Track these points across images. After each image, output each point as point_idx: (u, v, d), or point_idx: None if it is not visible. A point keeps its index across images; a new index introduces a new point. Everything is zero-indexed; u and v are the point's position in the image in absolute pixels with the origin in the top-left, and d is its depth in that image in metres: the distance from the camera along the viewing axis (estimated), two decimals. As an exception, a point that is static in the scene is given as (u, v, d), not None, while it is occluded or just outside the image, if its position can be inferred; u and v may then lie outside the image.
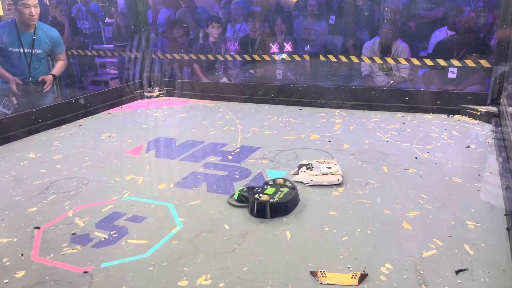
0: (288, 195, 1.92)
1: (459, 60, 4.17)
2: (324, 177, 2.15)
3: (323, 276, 1.46)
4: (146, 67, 4.46)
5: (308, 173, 2.18)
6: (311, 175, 2.16)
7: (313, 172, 2.18)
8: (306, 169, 2.21)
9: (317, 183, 2.15)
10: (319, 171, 2.19)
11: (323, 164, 2.27)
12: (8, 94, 3.85)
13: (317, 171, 2.18)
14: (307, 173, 2.18)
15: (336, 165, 2.27)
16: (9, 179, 2.42)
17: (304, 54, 5.25)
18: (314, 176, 2.16)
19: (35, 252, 1.68)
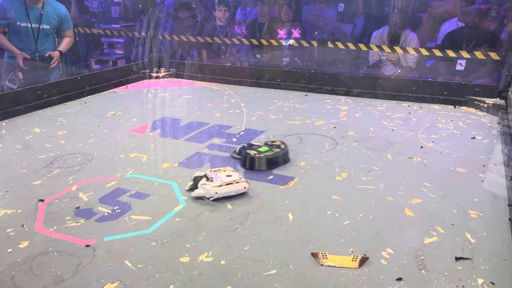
0: (274, 155, 2.19)
1: (468, 52, 4.14)
2: (230, 187, 1.89)
3: (324, 258, 1.47)
4: (153, 48, 4.43)
5: (210, 185, 1.88)
6: (214, 186, 1.87)
7: (216, 183, 1.89)
8: (207, 181, 1.91)
9: (223, 195, 1.88)
10: (221, 181, 1.91)
11: (221, 173, 1.97)
12: (14, 69, 3.86)
13: (219, 182, 1.90)
14: (210, 185, 1.88)
15: (234, 172, 2.01)
16: (14, 152, 2.43)
17: (312, 40, 5.22)
18: (218, 187, 1.87)
19: (39, 223, 1.70)
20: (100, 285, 1.34)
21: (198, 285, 1.35)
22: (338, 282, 1.36)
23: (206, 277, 1.39)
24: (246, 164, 2.21)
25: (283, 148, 2.30)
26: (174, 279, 1.37)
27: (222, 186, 1.89)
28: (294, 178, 2.09)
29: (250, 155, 2.20)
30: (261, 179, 2.08)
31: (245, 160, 2.21)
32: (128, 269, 1.42)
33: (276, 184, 2.04)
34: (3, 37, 3.90)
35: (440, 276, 1.38)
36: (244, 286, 1.35)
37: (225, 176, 1.95)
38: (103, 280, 1.37)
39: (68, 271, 1.41)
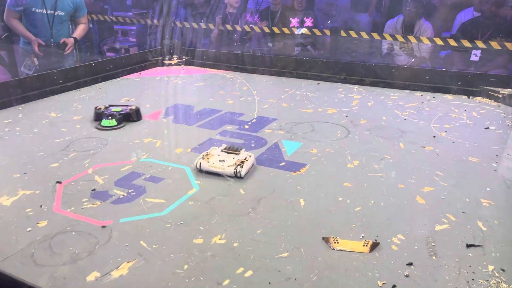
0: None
1: (483, 42, 4.09)
2: (214, 167, 1.97)
3: (336, 243, 1.49)
4: (166, 35, 4.45)
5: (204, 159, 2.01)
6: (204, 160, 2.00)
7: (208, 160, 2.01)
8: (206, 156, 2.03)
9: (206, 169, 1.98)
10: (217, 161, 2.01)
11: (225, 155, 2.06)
12: (30, 55, 3.91)
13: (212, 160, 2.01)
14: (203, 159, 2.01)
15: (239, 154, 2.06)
16: (31, 135, 2.48)
17: (325, 29, 5.19)
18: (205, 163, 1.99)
19: (57, 204, 1.74)
20: (117, 263, 1.38)
21: (211, 266, 1.38)
22: (349, 266, 1.38)
23: (219, 258, 1.42)
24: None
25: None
26: (188, 259, 1.41)
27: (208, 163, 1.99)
28: (306, 165, 2.11)
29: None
30: (273, 165, 2.10)
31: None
32: (143, 249, 1.46)
33: (288, 170, 2.05)
34: (19, 23, 3.95)
35: (451, 263, 1.40)
36: (257, 268, 1.37)
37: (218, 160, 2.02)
38: (119, 259, 1.41)
39: (86, 250, 1.45)
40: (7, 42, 4.63)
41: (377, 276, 1.33)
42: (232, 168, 1.96)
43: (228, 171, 1.96)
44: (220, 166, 1.98)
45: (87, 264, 1.38)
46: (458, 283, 1.30)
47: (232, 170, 1.95)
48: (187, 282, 1.31)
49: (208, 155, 2.05)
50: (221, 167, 1.97)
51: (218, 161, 2.01)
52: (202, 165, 1.99)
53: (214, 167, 1.97)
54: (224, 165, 1.98)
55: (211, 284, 1.30)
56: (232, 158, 2.04)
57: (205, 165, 1.98)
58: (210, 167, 1.98)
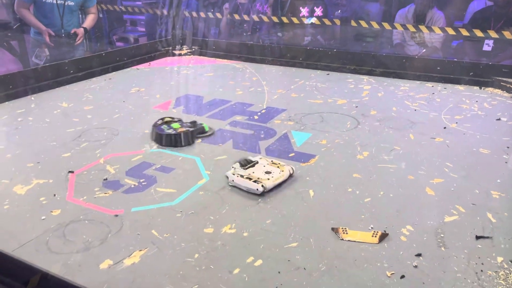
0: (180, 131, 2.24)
1: (496, 31, 4.03)
2: (245, 181, 1.79)
3: (345, 233, 1.50)
4: (175, 25, 4.45)
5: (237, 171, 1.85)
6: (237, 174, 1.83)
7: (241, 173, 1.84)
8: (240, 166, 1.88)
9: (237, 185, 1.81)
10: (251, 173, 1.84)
11: (270, 167, 1.89)
12: (40, 45, 3.93)
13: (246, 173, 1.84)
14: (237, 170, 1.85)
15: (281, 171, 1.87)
16: (43, 125, 2.52)
17: (335, 18, 5.15)
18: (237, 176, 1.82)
19: (70, 193, 1.77)
20: (129, 251, 1.41)
21: (221, 255, 1.40)
22: (357, 256, 1.39)
23: (229, 247, 1.44)
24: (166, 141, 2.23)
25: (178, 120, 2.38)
26: (198, 248, 1.43)
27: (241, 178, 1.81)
28: (315, 156, 2.11)
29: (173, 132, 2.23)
30: (282, 156, 2.10)
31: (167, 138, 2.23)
32: (155, 238, 1.48)
33: (297, 161, 2.06)
34: (29, 13, 3.97)
35: (460, 254, 1.40)
36: (266, 257, 1.39)
37: (263, 172, 1.84)
38: (131, 247, 1.43)
39: (99, 238, 1.48)
40: (18, 32, 4.66)
41: (385, 266, 1.34)
42: (287, 170, 1.86)
43: (287, 174, 1.84)
44: (280, 176, 1.82)
45: (100, 252, 1.41)
46: (467, 274, 1.31)
47: (288, 172, 1.85)
48: (198, 270, 1.33)
49: (253, 177, 1.80)
50: (282, 176, 1.83)
51: (265, 173, 1.84)
52: (268, 185, 1.75)
53: (277, 180, 1.80)
54: (279, 173, 1.84)
55: (222, 273, 1.32)
56: (263, 166, 1.89)
57: (270, 183, 1.77)
58: (275, 182, 1.79)
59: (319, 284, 1.27)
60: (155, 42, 4.32)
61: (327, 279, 1.29)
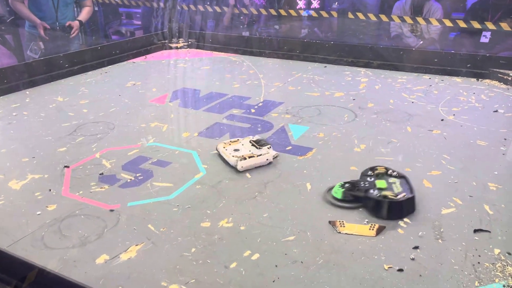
0: (405, 185, 1.61)
1: (493, 23, 4.02)
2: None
3: (342, 226, 1.50)
4: (171, 18, 4.42)
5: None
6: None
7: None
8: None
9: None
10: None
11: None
12: (35, 39, 3.90)
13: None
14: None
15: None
16: (39, 120, 2.50)
17: (332, 11, 5.12)
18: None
19: (66, 188, 1.76)
20: (126, 246, 1.40)
21: (218, 249, 1.40)
22: (355, 249, 1.39)
23: (226, 241, 1.43)
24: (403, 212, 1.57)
25: (396, 175, 1.69)
26: (195, 242, 1.42)
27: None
28: (312, 149, 2.11)
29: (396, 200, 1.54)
30: (279, 149, 2.09)
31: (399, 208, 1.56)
32: (151, 233, 1.48)
33: (295, 154, 2.05)
34: (24, 6, 3.93)
35: (457, 246, 1.40)
36: (263, 251, 1.39)
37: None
38: (128, 242, 1.43)
39: (95, 233, 1.47)
40: (12, 26, 4.62)
41: (383, 259, 1.34)
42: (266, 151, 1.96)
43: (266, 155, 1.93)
44: (257, 152, 1.94)
45: (96, 247, 1.40)
46: (464, 267, 1.31)
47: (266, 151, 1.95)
48: (195, 265, 1.32)
49: (236, 155, 1.91)
50: (261, 153, 1.94)
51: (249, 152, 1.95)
52: (243, 165, 1.86)
53: (254, 156, 1.91)
54: (258, 152, 1.95)
55: (219, 267, 1.31)
56: (244, 145, 2.02)
57: (247, 163, 1.88)
58: (253, 162, 1.89)
59: (317, 278, 1.27)
60: (151, 35, 4.29)
61: (324, 273, 1.29)
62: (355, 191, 1.62)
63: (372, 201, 1.56)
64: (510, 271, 1.28)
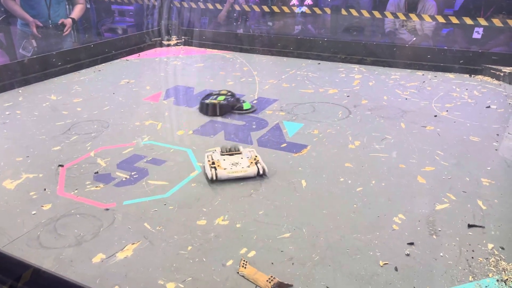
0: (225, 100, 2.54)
1: (485, 19, 4.04)
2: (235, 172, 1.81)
3: (243, 267, 1.31)
4: (164, 15, 4.40)
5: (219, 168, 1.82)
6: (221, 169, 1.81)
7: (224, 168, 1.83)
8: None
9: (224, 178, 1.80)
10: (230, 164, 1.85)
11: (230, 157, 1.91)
12: (28, 37, 3.86)
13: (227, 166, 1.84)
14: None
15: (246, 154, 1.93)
16: (32, 118, 2.48)
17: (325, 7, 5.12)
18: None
19: (61, 187, 1.75)
20: (122, 245, 1.40)
21: (215, 246, 1.40)
22: (350, 246, 1.40)
23: (222, 239, 1.44)
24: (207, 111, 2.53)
25: (230, 95, 2.62)
26: (192, 240, 1.43)
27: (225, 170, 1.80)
28: (307, 146, 2.11)
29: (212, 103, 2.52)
30: (274, 147, 2.10)
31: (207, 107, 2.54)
32: (147, 231, 1.48)
33: (290, 151, 2.06)
34: (16, 4, 3.89)
35: (451, 241, 1.42)
36: (259, 248, 1.39)
37: (231, 163, 1.85)
38: (124, 241, 1.43)
39: (91, 232, 1.47)
40: (4, 24, 4.57)
41: (378, 255, 1.35)
42: (254, 168, 1.80)
43: (252, 172, 1.79)
44: (239, 170, 1.80)
45: (92, 246, 1.40)
46: (458, 262, 1.32)
47: (255, 170, 1.80)
48: (191, 263, 1.33)
49: (216, 163, 1.84)
50: (242, 170, 1.80)
51: (231, 165, 1.83)
52: (220, 174, 1.77)
53: (234, 173, 1.79)
54: (243, 167, 1.81)
55: (215, 265, 1.32)
56: (241, 158, 1.88)
57: (223, 174, 1.78)
58: (229, 173, 1.78)
59: (312, 274, 1.28)
60: (144, 32, 4.27)
61: (320, 269, 1.30)
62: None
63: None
64: (504, 265, 1.30)
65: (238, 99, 2.64)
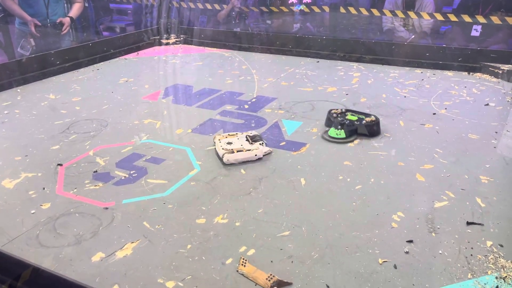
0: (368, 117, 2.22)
1: (484, 17, 4.04)
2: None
3: (243, 265, 1.31)
4: (163, 14, 4.39)
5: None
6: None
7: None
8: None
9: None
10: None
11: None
12: (26, 36, 3.85)
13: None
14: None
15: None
16: (31, 118, 2.48)
17: (324, 5, 5.11)
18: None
19: (60, 186, 1.75)
20: (121, 244, 1.40)
21: (214, 245, 1.40)
22: (349, 244, 1.40)
23: (222, 237, 1.44)
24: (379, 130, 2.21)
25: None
26: (191, 239, 1.43)
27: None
28: (306, 144, 2.11)
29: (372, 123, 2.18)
30: (273, 145, 2.10)
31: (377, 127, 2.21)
32: (146, 230, 1.48)
33: (289, 150, 2.06)
34: (14, 3, 3.88)
35: (450, 239, 1.42)
36: (259, 246, 1.39)
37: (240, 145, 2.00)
38: (123, 239, 1.43)
39: (90, 231, 1.47)
40: (2, 23, 4.57)
41: (377, 253, 1.36)
42: (257, 146, 1.98)
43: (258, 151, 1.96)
44: (248, 147, 1.97)
45: (92, 245, 1.40)
46: (457, 259, 1.32)
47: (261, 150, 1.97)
48: (191, 261, 1.33)
49: (226, 148, 1.96)
50: (251, 148, 1.97)
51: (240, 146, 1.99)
52: (229, 158, 1.91)
53: (243, 150, 1.95)
54: (249, 147, 1.98)
55: (215, 263, 1.32)
56: (237, 139, 2.04)
57: (234, 157, 1.92)
58: (240, 156, 1.92)
59: (312, 272, 1.28)
60: (143, 31, 4.27)
61: (319, 267, 1.30)
62: (350, 127, 2.15)
63: (365, 127, 2.16)
64: (503, 263, 1.30)
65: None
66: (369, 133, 2.16)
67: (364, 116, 2.23)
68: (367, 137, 2.17)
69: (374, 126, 2.18)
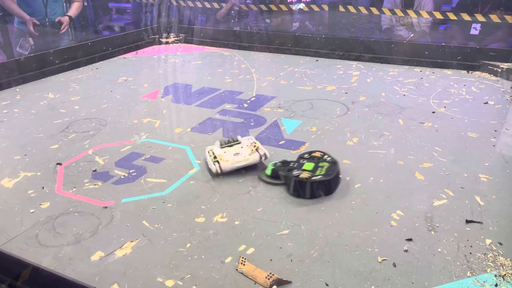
0: (330, 171, 1.67)
1: (483, 15, 4.03)
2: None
3: (242, 264, 1.31)
4: (162, 13, 4.39)
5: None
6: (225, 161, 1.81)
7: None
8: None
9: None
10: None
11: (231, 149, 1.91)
12: (24, 35, 3.85)
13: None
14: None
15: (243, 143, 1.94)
16: (30, 117, 2.48)
17: (323, 4, 5.11)
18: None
19: (59, 186, 1.75)
20: (121, 243, 1.40)
21: (213, 244, 1.41)
22: (348, 242, 1.40)
23: (221, 236, 1.44)
24: (306, 192, 1.65)
25: (329, 159, 1.77)
26: (190, 238, 1.43)
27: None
28: (305, 143, 2.11)
29: (304, 180, 1.64)
30: (273, 144, 2.10)
31: (304, 187, 1.65)
32: (146, 229, 1.48)
33: (288, 148, 2.06)
34: (13, 2, 3.87)
35: (449, 237, 1.42)
36: (258, 245, 1.40)
37: (234, 153, 1.85)
38: (122, 238, 1.43)
39: (89, 230, 1.47)
40: (1, 22, 4.56)
41: (376, 251, 1.36)
42: (255, 155, 1.82)
43: (254, 159, 1.81)
44: (242, 159, 1.81)
45: (91, 244, 1.40)
46: (456, 257, 1.32)
47: (257, 156, 1.81)
48: (190, 260, 1.33)
49: (218, 157, 1.83)
50: (245, 159, 1.81)
51: (233, 156, 1.83)
52: (224, 167, 1.77)
53: (238, 163, 1.80)
54: (245, 156, 1.82)
55: (214, 262, 1.32)
56: (241, 148, 1.89)
57: (227, 165, 1.78)
58: (233, 164, 1.79)
59: (311, 271, 1.28)
60: (142, 30, 4.26)
61: (318, 266, 1.30)
62: (282, 169, 1.73)
63: (288, 180, 1.68)
64: (502, 261, 1.30)
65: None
66: (293, 191, 1.66)
67: (323, 166, 1.71)
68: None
69: (309, 184, 1.62)
